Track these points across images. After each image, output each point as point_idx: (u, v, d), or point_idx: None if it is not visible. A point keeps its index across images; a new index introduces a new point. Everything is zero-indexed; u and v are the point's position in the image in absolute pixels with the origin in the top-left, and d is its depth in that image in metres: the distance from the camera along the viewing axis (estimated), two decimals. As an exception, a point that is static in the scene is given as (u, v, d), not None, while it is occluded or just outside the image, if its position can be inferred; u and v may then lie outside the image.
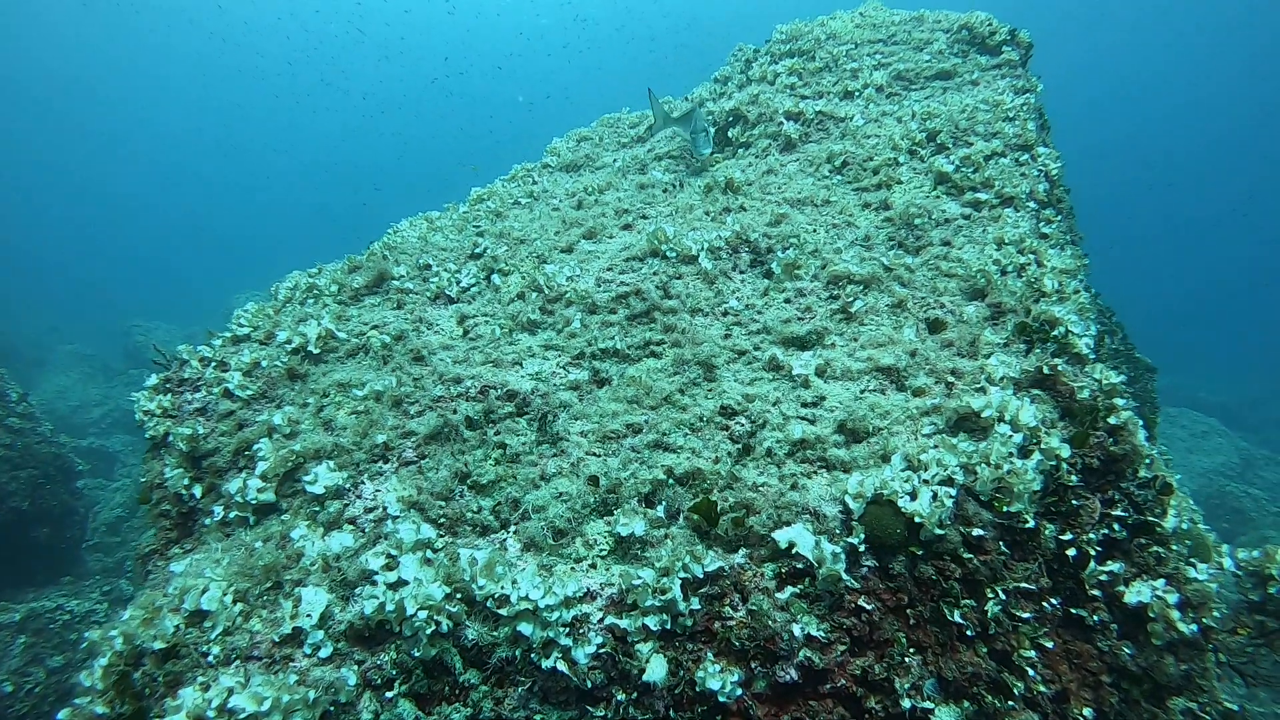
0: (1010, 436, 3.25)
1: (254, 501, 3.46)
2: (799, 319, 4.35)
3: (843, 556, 2.91)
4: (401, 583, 2.87)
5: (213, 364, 4.49)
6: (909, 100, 7.26)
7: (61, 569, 12.61)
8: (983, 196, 5.41)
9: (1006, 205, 5.34)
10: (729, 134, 7.18)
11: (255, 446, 3.65)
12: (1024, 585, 3.08)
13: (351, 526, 3.28)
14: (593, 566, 3.08)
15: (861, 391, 3.79)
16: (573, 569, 3.05)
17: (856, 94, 7.47)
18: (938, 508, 2.97)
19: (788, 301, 4.52)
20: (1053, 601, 3.17)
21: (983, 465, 3.13)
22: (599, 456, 3.57)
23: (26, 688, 9.87)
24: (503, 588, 2.81)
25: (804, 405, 3.75)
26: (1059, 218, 5.43)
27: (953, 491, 3.03)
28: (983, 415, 3.36)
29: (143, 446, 4.44)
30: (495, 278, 4.92)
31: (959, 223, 5.24)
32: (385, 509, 3.28)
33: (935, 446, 3.25)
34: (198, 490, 3.83)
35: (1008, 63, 7.62)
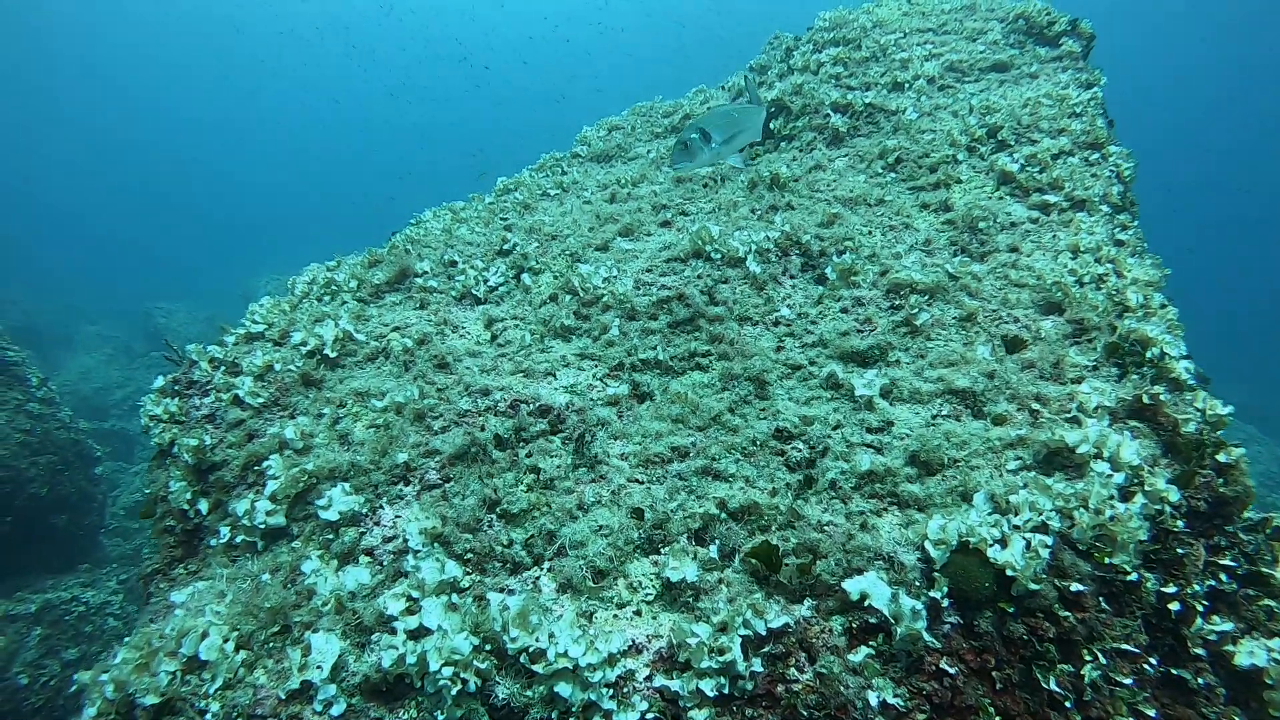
0: (1110, 476, 2.87)
1: (262, 526, 3.15)
2: (858, 331, 3.98)
3: (924, 613, 2.55)
4: (424, 631, 2.55)
5: (223, 366, 4.18)
6: (963, 93, 6.83)
7: (79, 556, 12.48)
8: (1051, 199, 4.99)
9: (1078, 208, 4.92)
10: (770, 126, 6.78)
11: (265, 463, 3.33)
12: (1124, 646, 2.71)
13: (368, 559, 2.96)
14: (637, 614, 2.74)
15: (934, 417, 3.41)
16: (615, 616, 2.72)
17: (907, 85, 7.04)
18: (1032, 559, 2.60)
19: (844, 311, 4.15)
20: (1152, 662, 2.79)
21: (1080, 510, 2.76)
22: (642, 484, 3.23)
23: (41, 680, 9.73)
24: (538, 640, 2.48)
25: (869, 430, 3.39)
26: (1135, 223, 5.00)
27: (1049, 540, 2.66)
28: (1078, 451, 2.98)
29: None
30: (525, 277, 4.57)
31: (1026, 227, 4.83)
32: (406, 540, 2.96)
33: (1025, 486, 2.88)
34: (203, 506, 3.53)
35: (1068, 54, 7.16)
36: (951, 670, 2.55)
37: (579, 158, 7.62)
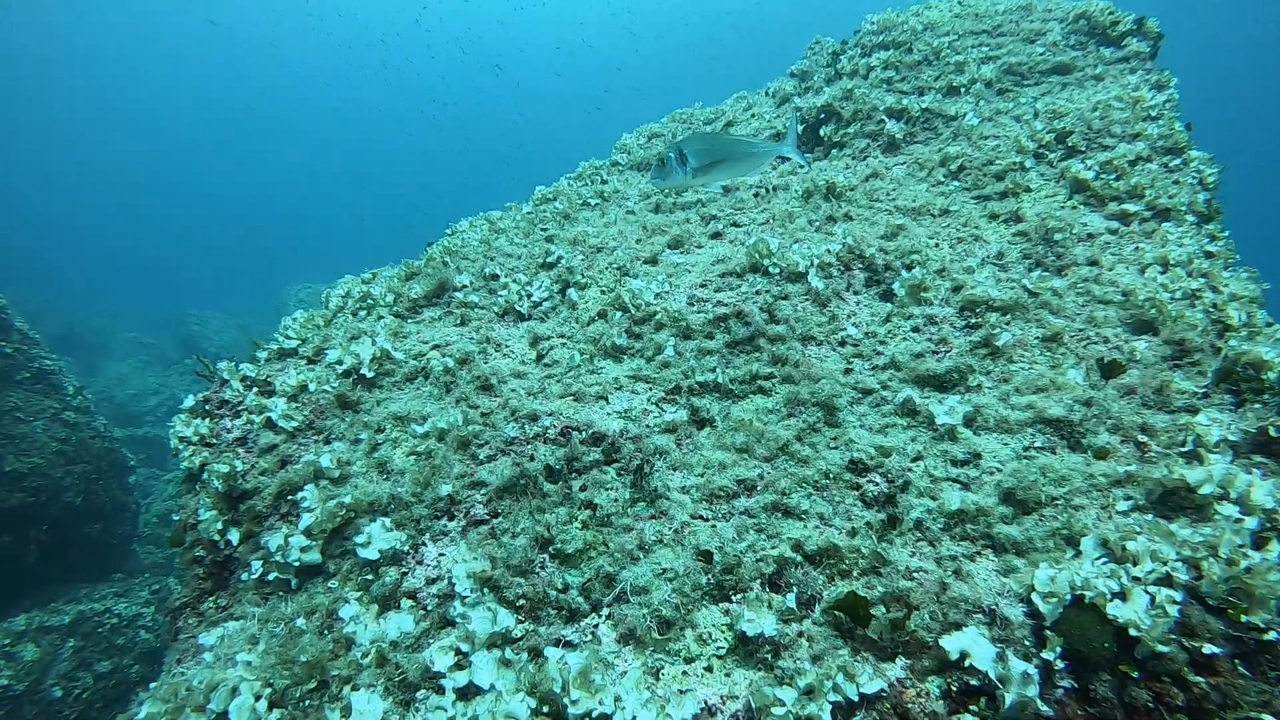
0: (1241, 521, 2.55)
1: (297, 563, 2.92)
2: (933, 353, 3.68)
3: (1035, 678, 2.25)
4: (474, 689, 2.30)
5: (255, 386, 3.98)
6: (1025, 97, 6.50)
7: (113, 565, 12.46)
8: (1131, 208, 4.66)
9: (1162, 218, 4.58)
10: (820, 132, 6.50)
11: (300, 494, 3.11)
12: (1263, 716, 2.39)
13: (411, 603, 2.72)
14: (708, 670, 2.47)
15: (1026, 449, 3.10)
16: (684, 673, 2.45)
17: (963, 90, 6.72)
18: (1159, 617, 2.29)
19: (916, 330, 3.85)
20: (1286, 731, 2.46)
21: (1210, 560, 2.44)
22: (707, 521, 2.96)
23: (75, 692, 9.66)
24: (602, 703, 2.22)
25: (954, 463, 3.09)
26: (1225, 233, 4.64)
27: (1177, 596, 2.35)
28: (1200, 491, 2.66)
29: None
30: (572, 292, 4.33)
31: (1105, 238, 4.50)
32: (452, 583, 2.71)
33: (1143, 531, 2.56)
34: (234, 536, 3.32)
35: (1135, 55, 6.80)
36: (1067, 743, 2.25)
37: (619, 166, 7.40)
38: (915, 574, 2.64)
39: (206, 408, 4.03)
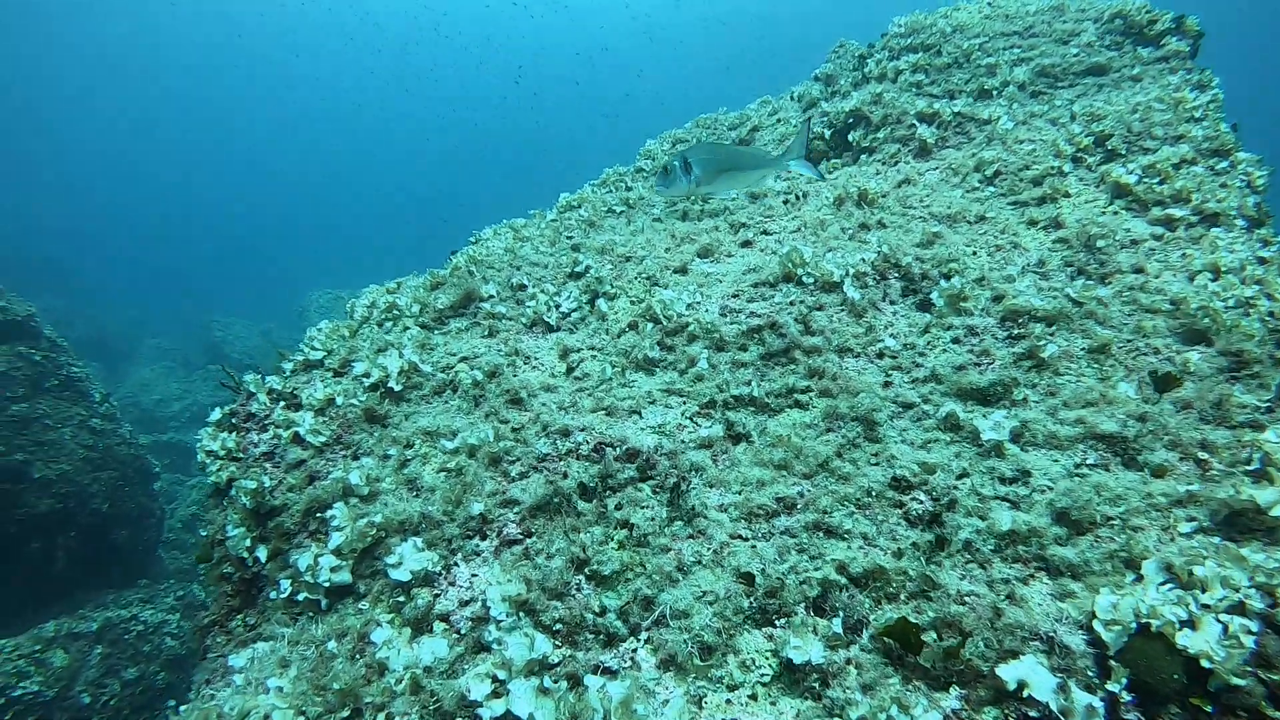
0: (1314, 546, 2.42)
1: (327, 584, 2.86)
2: (975, 365, 3.57)
3: (1101, 711, 2.14)
4: (512, 719, 2.22)
5: (282, 400, 3.94)
6: (1059, 99, 6.36)
7: (138, 571, 12.54)
8: (1177, 213, 4.51)
9: (1210, 223, 4.44)
10: (849, 137, 6.39)
11: (329, 513, 3.05)
12: (1340, 753, 2.26)
13: (444, 626, 2.65)
14: (752, 698, 2.38)
15: (1077, 466, 2.99)
16: (728, 701, 2.36)
17: (995, 93, 6.59)
18: (1233, 647, 2.17)
19: (956, 342, 3.74)
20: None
21: (1283, 587, 2.32)
22: (747, 540, 2.87)
23: (103, 699, 9.70)
24: (644, 736, 2.13)
25: (1002, 481, 2.98)
26: (1278, 238, 4.49)
27: (1252, 625, 2.22)
28: (1271, 513, 2.53)
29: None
30: (601, 302, 4.25)
31: (1150, 245, 4.37)
32: (486, 606, 2.64)
33: (1210, 555, 2.44)
34: (262, 553, 3.27)
35: (1174, 54, 6.64)
36: (1134, 781, 2.13)
37: (643, 172, 7.32)
38: (966, 598, 2.54)
39: (233, 421, 3.99)
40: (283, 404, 3.93)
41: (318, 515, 3.25)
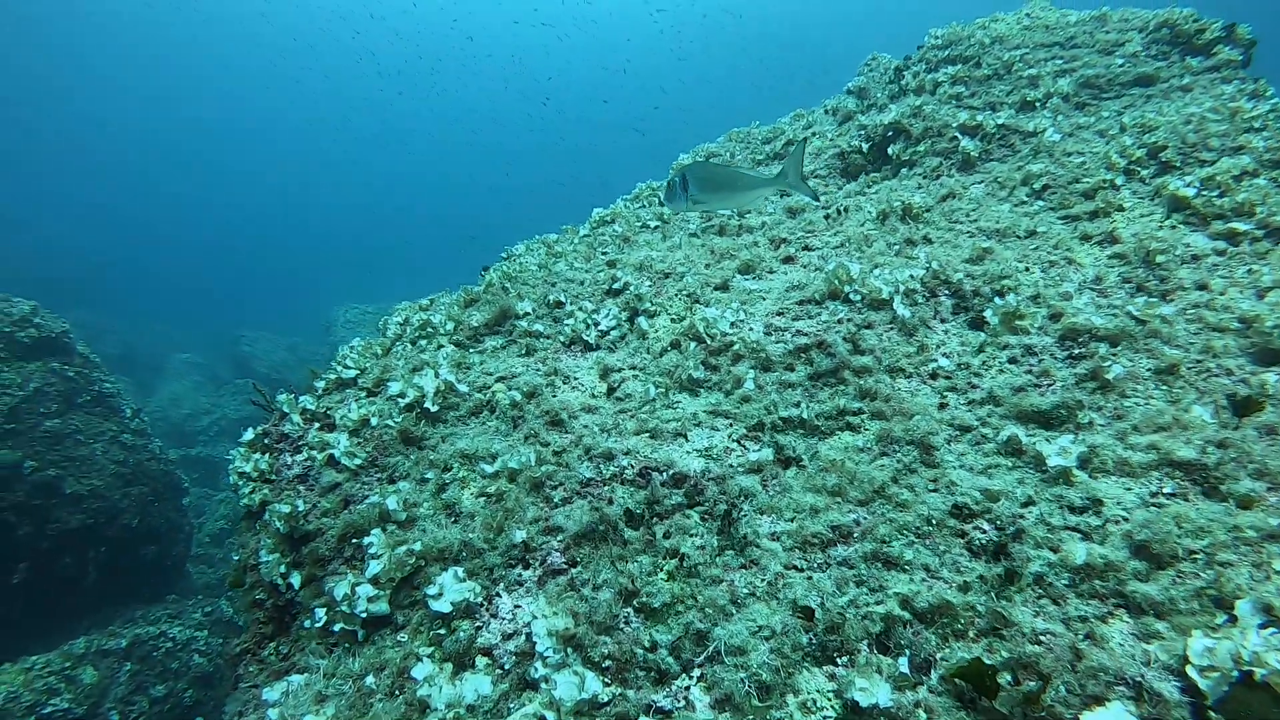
0: None
1: (364, 614, 2.75)
2: (1035, 386, 3.41)
3: (1199, 768, 1.98)
4: (562, 765, 2.09)
5: (316, 420, 3.87)
6: (1106, 111, 6.19)
7: (167, 586, 12.57)
8: (1240, 226, 4.33)
9: (1276, 237, 4.25)
10: (889, 151, 6.26)
11: (366, 540, 2.95)
12: None
13: (487, 661, 2.53)
14: (814, 744, 2.24)
15: (1153, 495, 2.82)
16: (788, 748, 2.22)
17: (1038, 104, 6.43)
18: (1343, 700, 2.00)
19: (1013, 362, 3.58)
20: None
21: (1394, 631, 2.14)
22: (802, 571, 2.73)
23: (131, 716, 9.68)
24: (703, 786, 1.99)
25: (1071, 510, 2.81)
26: (1347, 254, 4.28)
27: (1363, 675, 2.05)
28: (1373, 550, 2.35)
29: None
30: (641, 320, 4.15)
31: (1212, 260, 4.18)
32: (531, 640, 2.52)
33: (1310, 596, 2.27)
34: (296, 579, 3.18)
35: (1226, 63, 6.45)
36: (1236, 843, 1.96)
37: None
38: (1042, 637, 2.38)
39: (266, 442, 3.92)
40: (317, 425, 3.86)
41: (353, 541, 3.15)
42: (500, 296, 4.72)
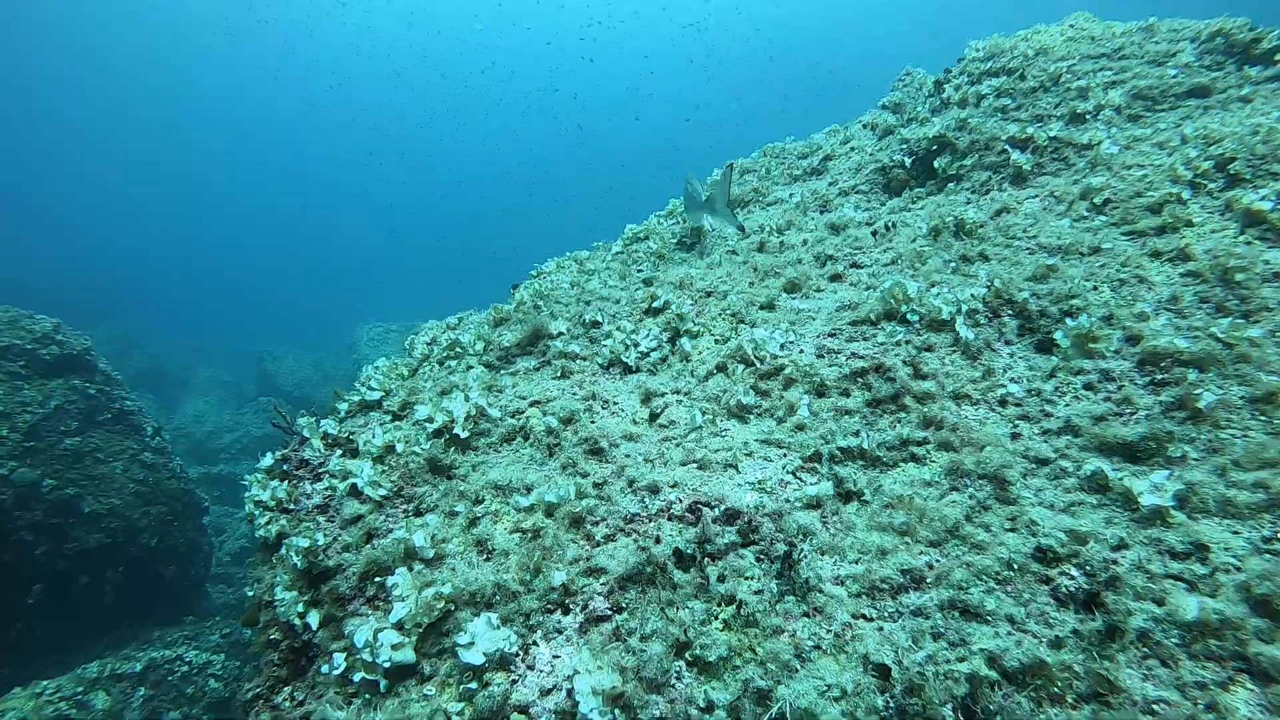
0: None
1: (387, 664, 2.51)
2: (1116, 415, 3.13)
3: None
4: None
5: (338, 446, 3.65)
6: (1163, 122, 5.90)
7: (185, 607, 12.42)
8: (1323, 243, 4.03)
9: (1365, 255, 3.95)
10: (934, 165, 6.01)
11: (391, 581, 2.72)
12: None
13: (524, 719, 2.28)
14: (900, 828, 1.96)
15: (1266, 540, 2.53)
16: (870, 832, 1.94)
17: (1089, 117, 6.16)
18: None
19: (1089, 388, 3.30)
20: None
21: None
22: (872, 621, 2.46)
23: (144, 742, 9.49)
24: None
25: (1173, 556, 2.53)
26: None
27: None
28: None
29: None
30: (684, 341, 3.91)
31: (1295, 278, 3.88)
32: (573, 697, 2.26)
33: None
34: (314, 619, 2.94)
35: (1286, 74, 6.15)
36: None
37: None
38: (1156, 706, 2.09)
39: (285, 468, 3.71)
40: (339, 451, 3.64)
41: (376, 579, 2.92)
42: (532, 315, 4.51)
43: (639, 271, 5.26)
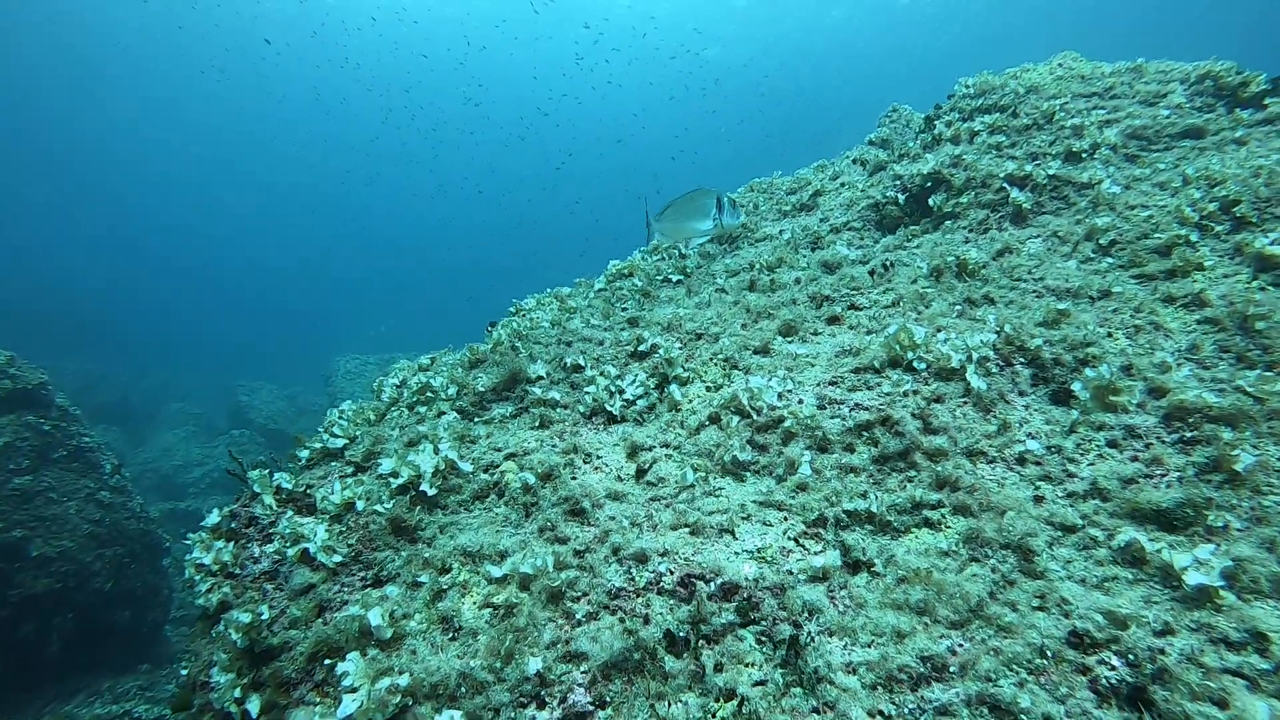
0: None
1: (337, 771, 2.16)
2: (1147, 477, 2.87)
3: None
4: None
5: (293, 502, 3.31)
6: (1161, 163, 5.76)
7: (141, 654, 11.80)
8: (1342, 289, 3.84)
9: (1387, 303, 3.75)
10: (930, 202, 5.82)
11: (341, 668, 2.37)
12: None
13: (493, 846, 1.93)
14: None
15: (1329, 626, 2.25)
16: None
17: (1085, 155, 6.01)
18: None
19: (1114, 446, 3.04)
20: None
21: None
22: (892, 722, 2.15)
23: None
24: None
25: (1228, 646, 2.25)
26: None
27: None
28: None
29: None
30: (673, 389, 3.62)
31: (1315, 327, 3.68)
32: (551, 818, 1.93)
33: None
34: (254, 706, 2.58)
35: (1279, 116, 6.05)
36: None
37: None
38: (1228, 832, 1.80)
39: (233, 525, 3.36)
40: (293, 508, 3.30)
41: (326, 661, 2.57)
42: (510, 357, 4.21)
43: (623, 310, 4.99)
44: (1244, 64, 6.78)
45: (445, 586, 2.72)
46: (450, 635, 2.55)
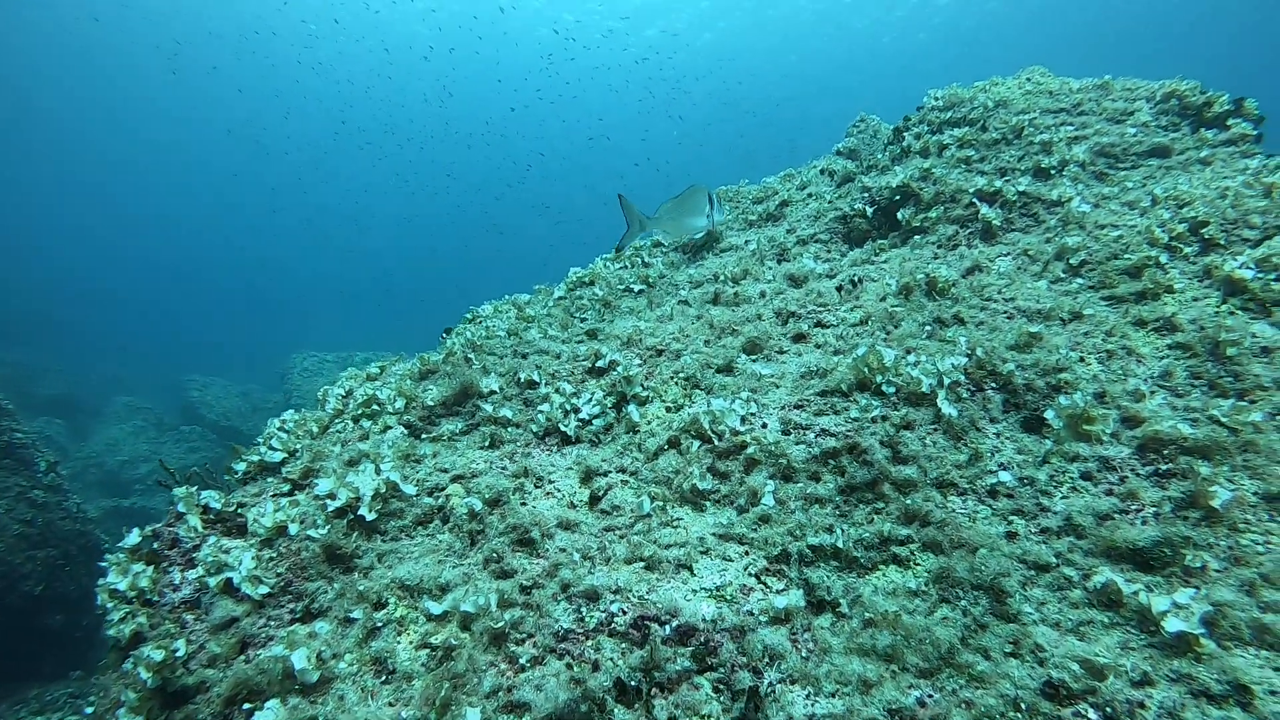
0: None
1: (247, 841, 1.94)
2: (1123, 513, 2.76)
3: None
4: None
5: (220, 523, 3.06)
6: (1129, 181, 5.73)
7: (74, 660, 11.29)
8: (1310, 316, 3.80)
9: (1355, 332, 3.72)
10: (898, 216, 5.72)
11: (259, 715, 2.15)
12: None
13: None
14: None
15: (1314, 679, 2.15)
16: None
17: (1054, 172, 5.97)
18: None
19: (1088, 478, 2.93)
20: None
21: None
22: (858, 786, 1.99)
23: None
24: None
25: (1209, 699, 2.13)
26: None
27: None
28: None
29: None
30: (631, 409, 3.43)
31: (1285, 354, 3.62)
32: None
33: None
34: (169, 756, 2.35)
35: (1242, 137, 6.07)
36: None
37: (661, 247, 6.61)
38: None
39: (154, 546, 3.10)
40: (219, 530, 3.05)
41: (245, 706, 2.34)
42: (462, 369, 3.99)
43: (582, 321, 4.80)
44: (1206, 79, 6.82)
45: (380, 624, 2.51)
46: (383, 679, 2.34)
